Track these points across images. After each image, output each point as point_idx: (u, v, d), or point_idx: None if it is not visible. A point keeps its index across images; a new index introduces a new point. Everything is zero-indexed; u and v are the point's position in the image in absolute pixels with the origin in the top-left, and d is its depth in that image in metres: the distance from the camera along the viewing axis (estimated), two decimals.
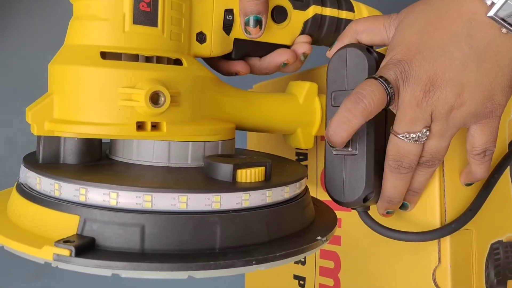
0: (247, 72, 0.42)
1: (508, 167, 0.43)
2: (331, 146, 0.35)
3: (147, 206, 0.29)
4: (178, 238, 0.29)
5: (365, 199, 0.37)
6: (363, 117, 0.33)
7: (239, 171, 0.32)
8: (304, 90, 0.44)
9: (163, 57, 0.34)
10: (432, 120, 0.33)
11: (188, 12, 0.36)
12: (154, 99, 0.32)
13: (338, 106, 0.37)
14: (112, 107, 0.32)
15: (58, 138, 0.34)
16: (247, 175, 0.32)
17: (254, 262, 0.29)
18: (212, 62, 0.42)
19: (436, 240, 0.38)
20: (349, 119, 0.33)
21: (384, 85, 0.33)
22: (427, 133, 0.34)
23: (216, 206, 0.30)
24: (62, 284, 0.70)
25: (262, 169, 0.33)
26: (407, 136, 0.34)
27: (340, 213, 0.46)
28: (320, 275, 0.48)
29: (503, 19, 0.31)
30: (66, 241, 0.27)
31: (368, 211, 0.39)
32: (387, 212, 0.39)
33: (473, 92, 0.32)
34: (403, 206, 0.39)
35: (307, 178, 0.39)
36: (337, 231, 0.47)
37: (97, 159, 0.35)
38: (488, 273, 0.40)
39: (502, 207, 0.42)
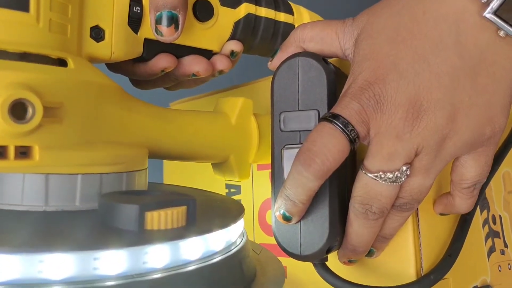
0: (175, 65, 0.33)
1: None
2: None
3: (4, 277, 0.19)
4: None
5: (328, 250, 0.29)
6: (319, 179, 0.26)
7: (149, 214, 0.22)
8: (237, 107, 0.35)
9: (38, 55, 0.24)
10: (416, 154, 0.26)
11: None
12: (18, 111, 0.21)
13: (290, 131, 0.29)
14: None
15: None
16: (160, 219, 0.23)
17: None
18: (125, 67, 0.33)
19: None
20: (304, 182, 0.26)
21: (342, 129, 0.25)
22: (408, 171, 0.26)
23: (112, 270, 0.20)
24: None
25: (182, 209, 0.24)
26: (382, 176, 0.26)
27: (284, 260, 0.37)
28: None
29: (503, 19, 0.24)
30: None
31: (326, 262, 0.31)
32: (349, 261, 0.31)
33: (467, 115, 0.25)
34: (369, 253, 0.31)
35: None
36: None
37: None
38: None
39: (475, 249, 0.35)
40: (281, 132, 0.30)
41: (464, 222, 0.32)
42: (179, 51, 0.33)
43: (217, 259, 0.24)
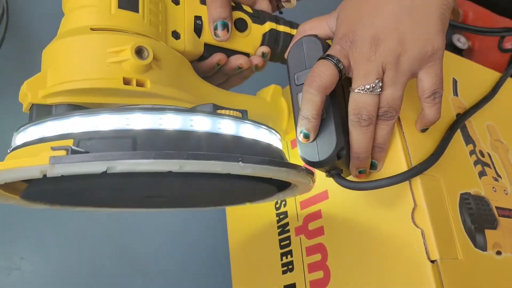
0: (225, 59, 0.47)
1: (460, 134, 0.47)
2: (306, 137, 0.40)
3: (139, 125, 0.32)
4: (169, 147, 0.31)
5: (338, 156, 0.40)
6: (321, 93, 0.38)
7: (219, 111, 0.36)
8: (270, 91, 0.50)
9: (144, 35, 0.40)
10: (383, 71, 0.39)
11: (164, 11, 0.43)
12: (139, 53, 0.36)
13: (301, 84, 0.43)
14: (101, 65, 0.36)
15: (50, 107, 0.37)
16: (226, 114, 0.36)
17: (240, 159, 0.31)
18: (192, 65, 0.48)
19: (408, 186, 0.40)
20: (311, 98, 0.39)
21: (331, 60, 0.39)
22: (380, 83, 0.39)
23: (201, 128, 0.33)
24: None
25: (239, 113, 0.37)
26: (362, 88, 0.39)
27: (319, 205, 0.48)
28: (309, 272, 0.48)
29: None
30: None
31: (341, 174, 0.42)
32: (360, 172, 0.42)
33: (412, 38, 0.38)
34: (373, 166, 0.42)
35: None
36: (319, 222, 0.48)
37: None
38: (464, 219, 0.42)
39: (463, 165, 0.45)
40: (295, 85, 0.43)
41: (446, 137, 0.43)
42: (227, 52, 0.48)
43: (264, 144, 0.37)
